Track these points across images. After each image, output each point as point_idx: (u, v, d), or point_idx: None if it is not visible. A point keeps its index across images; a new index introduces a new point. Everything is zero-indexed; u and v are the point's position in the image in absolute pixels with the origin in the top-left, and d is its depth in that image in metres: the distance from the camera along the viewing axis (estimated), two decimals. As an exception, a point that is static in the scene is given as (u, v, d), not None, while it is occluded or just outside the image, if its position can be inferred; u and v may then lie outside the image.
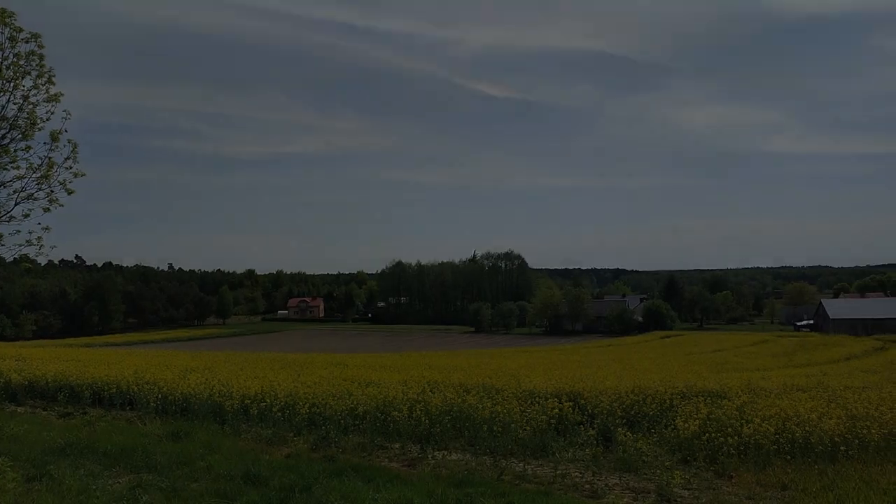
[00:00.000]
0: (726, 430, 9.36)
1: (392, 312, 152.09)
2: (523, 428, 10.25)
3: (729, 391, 13.85)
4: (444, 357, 36.88)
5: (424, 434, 10.51)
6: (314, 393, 12.63)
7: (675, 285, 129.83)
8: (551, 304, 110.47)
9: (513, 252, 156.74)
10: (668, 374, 20.31)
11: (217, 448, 9.57)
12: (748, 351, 50.46)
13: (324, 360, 28.83)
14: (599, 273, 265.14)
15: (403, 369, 22.58)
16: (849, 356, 45.44)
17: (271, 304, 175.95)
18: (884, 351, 50.01)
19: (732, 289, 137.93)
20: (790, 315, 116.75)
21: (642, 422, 11.45)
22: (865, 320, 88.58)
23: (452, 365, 26.29)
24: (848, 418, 9.87)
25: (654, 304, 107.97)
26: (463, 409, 11.14)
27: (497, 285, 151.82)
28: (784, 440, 9.10)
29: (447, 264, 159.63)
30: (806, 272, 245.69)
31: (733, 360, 38.71)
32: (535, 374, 19.35)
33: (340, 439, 10.40)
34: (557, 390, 13.33)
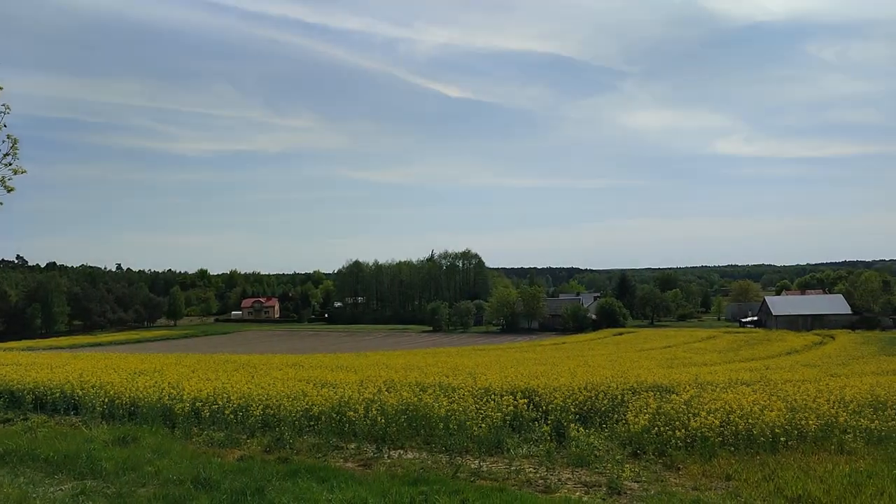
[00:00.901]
0: (674, 424, 9.64)
1: (349, 312, 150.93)
2: (479, 425, 10.33)
3: (677, 386, 14.28)
4: (402, 356, 36.85)
5: (380, 433, 10.50)
6: (268, 394, 12.46)
7: (627, 284, 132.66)
8: (508, 303, 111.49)
9: (470, 251, 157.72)
10: (620, 370, 20.77)
11: (166, 452, 9.36)
12: (696, 347, 51.99)
13: (279, 362, 28.46)
14: (554, 272, 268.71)
15: (360, 369, 22.47)
16: (790, 351, 47.35)
17: (225, 305, 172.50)
18: (822, 345, 52.26)
19: (682, 287, 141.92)
20: (736, 312, 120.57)
21: (595, 417, 11.70)
22: (806, 316, 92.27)
23: (409, 364, 26.29)
24: (788, 410, 10.28)
25: (608, 302, 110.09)
26: (419, 408, 11.16)
27: (454, 285, 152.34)
28: (728, 432, 9.43)
29: (405, 264, 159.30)
30: (750, 271, 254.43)
31: (682, 355, 39.84)
32: (492, 372, 19.52)
33: (295, 440, 10.30)
34: (513, 388, 13.47)
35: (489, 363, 27.87)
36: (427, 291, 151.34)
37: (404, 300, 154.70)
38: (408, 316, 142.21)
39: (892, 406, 11.86)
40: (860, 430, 10.02)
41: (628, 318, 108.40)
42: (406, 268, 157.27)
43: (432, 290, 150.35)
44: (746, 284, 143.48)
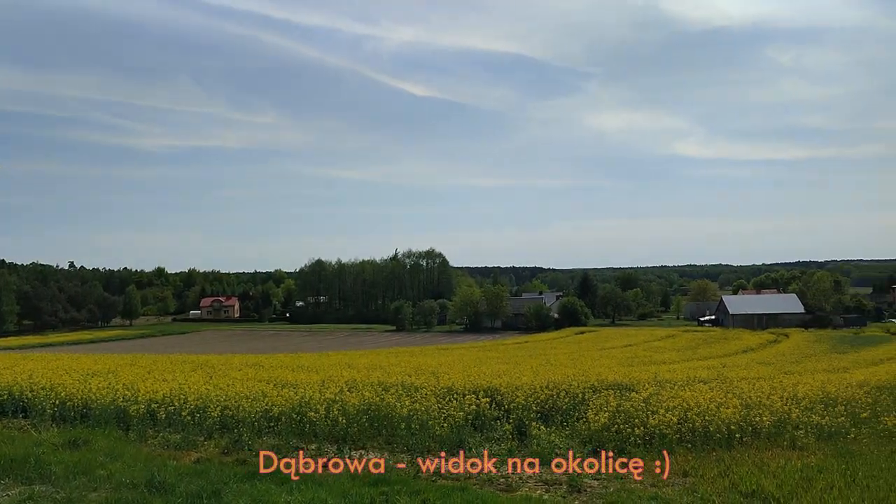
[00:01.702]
0: (634, 422, 9.78)
1: (311, 312, 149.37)
2: (441, 425, 10.32)
3: (637, 384, 14.49)
4: (364, 356, 36.63)
5: (341, 434, 10.40)
6: (227, 395, 12.22)
7: (588, 283, 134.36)
8: (471, 302, 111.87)
9: (434, 251, 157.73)
10: (581, 369, 21.00)
11: (119, 455, 9.09)
12: (656, 345, 52.98)
13: (239, 362, 27.97)
14: (518, 271, 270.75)
15: (322, 369, 22.25)
16: (746, 349, 48.63)
17: (183, 304, 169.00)
18: (777, 344, 53.80)
19: (642, 286, 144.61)
20: (694, 311, 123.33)
21: (556, 415, 11.79)
22: (761, 315, 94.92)
23: (372, 364, 26.14)
24: (743, 407, 10.52)
25: (570, 301, 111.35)
26: (381, 408, 11.11)
27: (418, 284, 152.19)
28: (686, 429, 9.60)
29: (368, 263, 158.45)
30: (708, 270, 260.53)
31: (642, 354, 40.53)
32: (455, 371, 19.53)
33: (254, 442, 10.11)
34: (475, 387, 13.49)
35: (452, 362, 27.90)
36: (390, 291, 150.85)
37: (367, 299, 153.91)
38: (371, 315, 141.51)
39: (842, 403, 12.26)
40: (811, 426, 10.31)
41: (590, 318, 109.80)
42: (369, 267, 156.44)
43: (396, 290, 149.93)
44: (704, 284, 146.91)
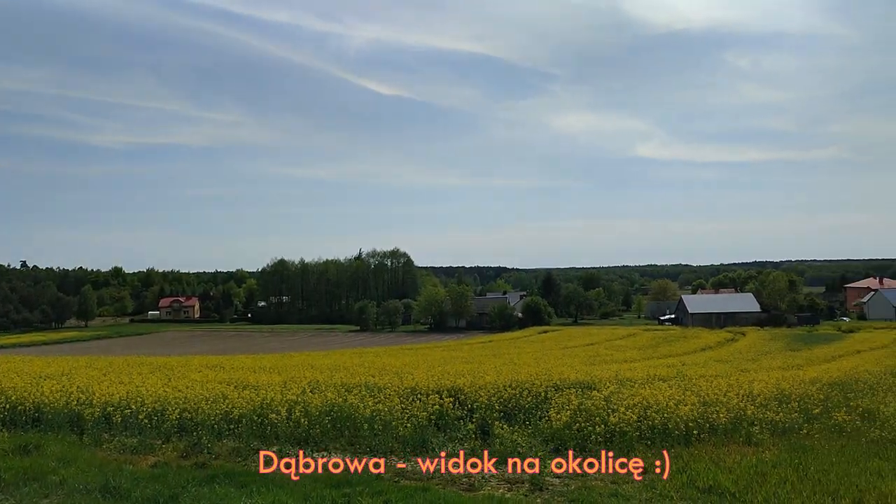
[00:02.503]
0: (595, 420, 9.90)
1: (273, 312, 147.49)
2: (404, 425, 10.30)
3: (598, 382, 14.67)
4: (328, 357, 36.32)
5: (303, 435, 10.29)
6: (186, 397, 11.99)
7: (552, 282, 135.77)
8: (436, 302, 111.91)
9: (399, 250, 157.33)
10: (544, 368, 21.16)
11: (73, 460, 8.83)
12: (618, 344, 53.75)
13: (198, 363, 27.45)
14: (482, 271, 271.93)
15: (284, 370, 21.99)
16: (705, 347, 49.67)
17: (141, 305, 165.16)
18: (734, 342, 55.09)
19: (604, 286, 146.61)
20: (655, 310, 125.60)
21: (519, 414, 11.86)
22: (719, 314, 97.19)
23: (335, 364, 25.94)
24: (701, 404, 10.75)
25: (533, 300, 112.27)
26: (344, 409, 11.03)
27: (383, 283, 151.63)
28: (645, 426, 9.77)
29: (332, 262, 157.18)
30: (669, 270, 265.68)
31: (604, 352, 41.08)
32: (419, 371, 19.50)
33: (214, 445, 9.94)
34: (439, 386, 13.49)
35: (416, 362, 27.86)
36: (355, 290, 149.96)
37: (331, 299, 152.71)
38: (335, 315, 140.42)
39: (796, 399, 12.63)
40: (766, 422, 10.59)
41: (553, 317, 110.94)
42: (333, 266, 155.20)
43: (360, 290, 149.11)
44: (665, 284, 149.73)
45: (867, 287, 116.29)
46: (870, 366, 23.27)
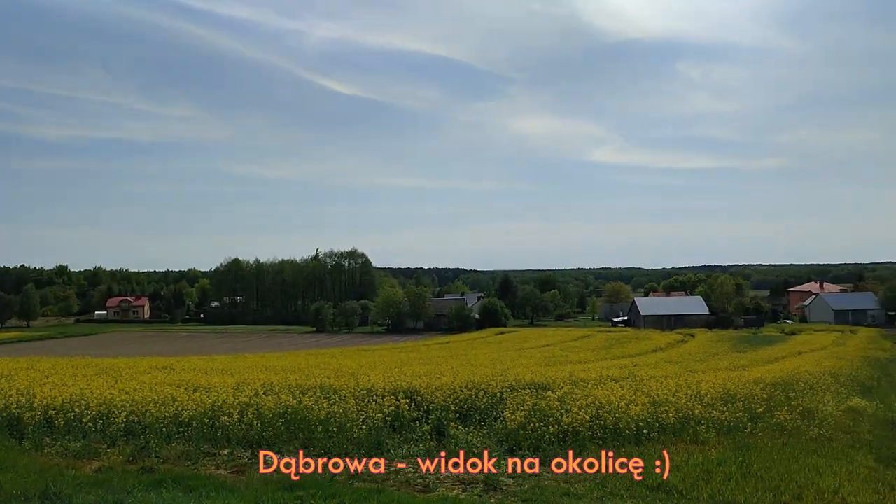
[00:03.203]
0: (548, 420, 10.04)
1: (227, 313, 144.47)
2: (359, 427, 10.24)
3: (553, 383, 14.88)
4: (283, 358, 35.82)
5: (256, 438, 10.13)
6: (133, 400, 11.66)
7: (509, 284, 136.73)
8: (394, 303, 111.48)
9: (356, 251, 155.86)
10: (500, 369, 21.35)
11: (11, 466, 8.48)
12: (572, 345, 54.52)
13: (147, 365, 26.70)
14: (441, 272, 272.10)
15: (237, 372, 21.60)
16: (656, 348, 50.82)
17: (87, 305, 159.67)
18: (684, 343, 56.54)
19: (560, 288, 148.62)
20: (609, 312, 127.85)
21: (474, 415, 11.93)
22: (670, 316, 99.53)
23: (290, 366, 25.62)
24: (651, 404, 11.02)
25: (491, 302, 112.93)
26: (298, 411, 10.91)
27: (340, 284, 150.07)
28: (598, 426, 9.95)
29: (287, 262, 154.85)
30: (622, 273, 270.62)
31: (559, 354, 41.61)
32: (375, 372, 19.42)
33: (162, 448, 9.67)
34: (395, 388, 13.47)
35: (373, 364, 27.74)
36: (311, 291, 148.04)
37: (287, 300, 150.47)
38: (290, 316, 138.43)
39: (741, 399, 13.05)
40: (713, 421, 10.92)
41: (510, 318, 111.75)
42: (289, 267, 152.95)
43: (316, 290, 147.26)
44: (618, 286, 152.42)
45: (809, 291, 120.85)
46: (810, 367, 24.20)
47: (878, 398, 18.39)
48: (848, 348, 42.84)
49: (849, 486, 7.67)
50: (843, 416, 14.15)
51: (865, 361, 32.37)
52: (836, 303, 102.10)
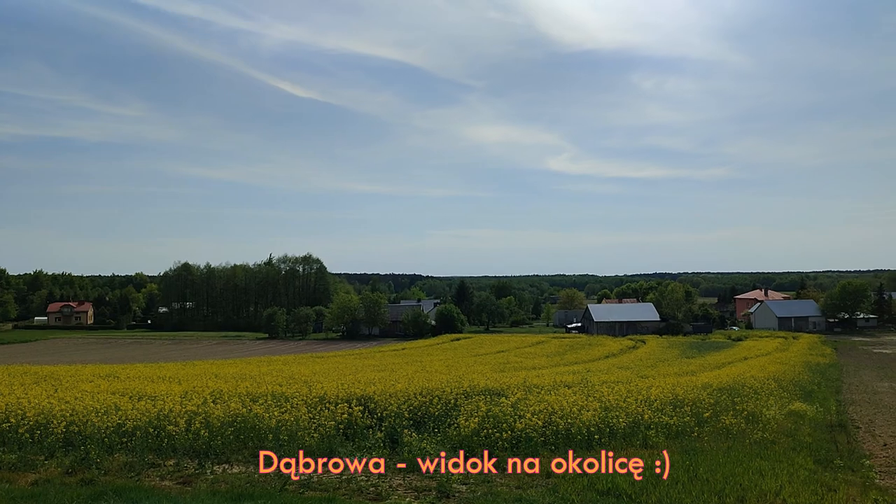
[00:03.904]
0: (502, 426, 10.06)
1: (176, 319, 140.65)
2: (311, 435, 10.09)
3: (507, 389, 14.94)
4: (233, 365, 35.02)
5: (203, 448, 9.86)
6: (74, 409, 11.20)
7: (465, 291, 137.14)
8: (349, 309, 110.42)
9: (311, 256, 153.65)
10: (455, 375, 21.32)
11: (-61, 481, 8.04)
12: (527, 351, 54.95)
13: (90, 373, 25.76)
14: (397, 278, 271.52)
15: (185, 380, 20.98)
16: (608, 354, 51.62)
17: (27, 310, 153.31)
18: (635, 349, 57.63)
19: (516, 294, 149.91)
20: (563, 318, 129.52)
21: (428, 422, 11.88)
22: (622, 322, 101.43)
23: (241, 373, 25.07)
24: (602, 409, 11.17)
25: (447, 308, 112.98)
26: (248, 420, 10.68)
27: (294, 290, 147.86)
28: (550, 432, 10.04)
29: (240, 267, 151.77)
30: (576, 280, 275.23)
31: (514, 360, 41.89)
32: (329, 379, 19.15)
33: (104, 460, 9.32)
34: (349, 395, 13.32)
35: (327, 371, 27.37)
36: (264, 297, 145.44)
37: (239, 306, 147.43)
38: (242, 322, 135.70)
39: (689, 404, 13.35)
40: (662, 425, 11.14)
41: (466, 325, 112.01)
42: (241, 272, 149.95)
43: (270, 296, 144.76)
44: (572, 293, 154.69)
45: (754, 298, 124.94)
46: (755, 372, 24.98)
47: (818, 402, 19.12)
48: (790, 354, 44.37)
49: (790, 487, 7.92)
50: (786, 419, 14.65)
51: (807, 367, 33.62)
52: (779, 310, 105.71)
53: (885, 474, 10.35)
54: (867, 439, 14.03)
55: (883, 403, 21.12)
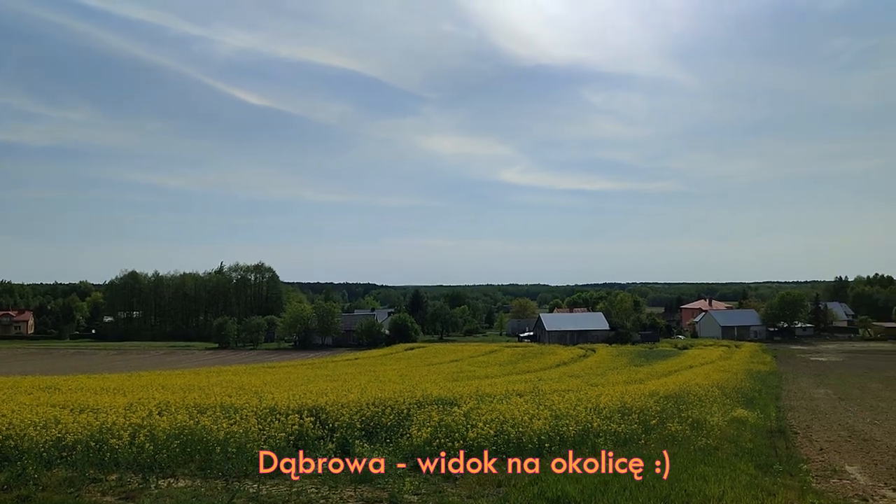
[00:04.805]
0: (454, 436, 10.11)
1: (122, 328, 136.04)
2: (261, 447, 9.92)
3: (460, 398, 15.01)
4: (182, 376, 34.11)
5: (148, 462, 9.58)
6: (10, 423, 10.74)
7: (419, 300, 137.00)
8: (302, 319, 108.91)
9: (263, 265, 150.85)
10: (408, 385, 21.29)
11: None
12: (480, 360, 55.19)
13: (29, 384, 24.70)
14: (351, 287, 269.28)
15: (131, 391, 20.35)
16: (559, 363, 52.30)
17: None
18: (586, 358, 58.54)
19: (469, 304, 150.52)
20: (515, 327, 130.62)
21: (381, 432, 11.85)
22: (573, 331, 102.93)
23: (189, 384, 24.44)
24: (553, 418, 11.34)
25: (401, 317, 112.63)
26: (196, 432, 10.44)
27: (245, 299, 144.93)
28: (501, 441, 10.13)
29: (189, 276, 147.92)
30: (529, 290, 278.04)
31: (468, 369, 42.03)
32: (280, 390, 18.88)
33: (42, 475, 8.97)
34: (300, 406, 13.17)
35: (279, 381, 26.94)
36: (214, 306, 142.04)
37: (188, 315, 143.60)
38: (192, 332, 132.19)
39: (637, 411, 13.67)
40: (610, 433, 11.37)
41: (420, 334, 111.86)
42: (191, 280, 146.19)
43: (220, 305, 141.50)
44: (525, 302, 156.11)
45: (699, 308, 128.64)
46: (700, 380, 25.72)
47: (759, 409, 19.82)
48: (733, 362, 45.81)
49: (732, 492, 8.19)
50: (728, 426, 15.13)
51: (748, 375, 34.77)
52: (723, 319, 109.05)
53: (821, 478, 10.81)
54: (805, 444, 14.62)
55: (819, 410, 22.02)
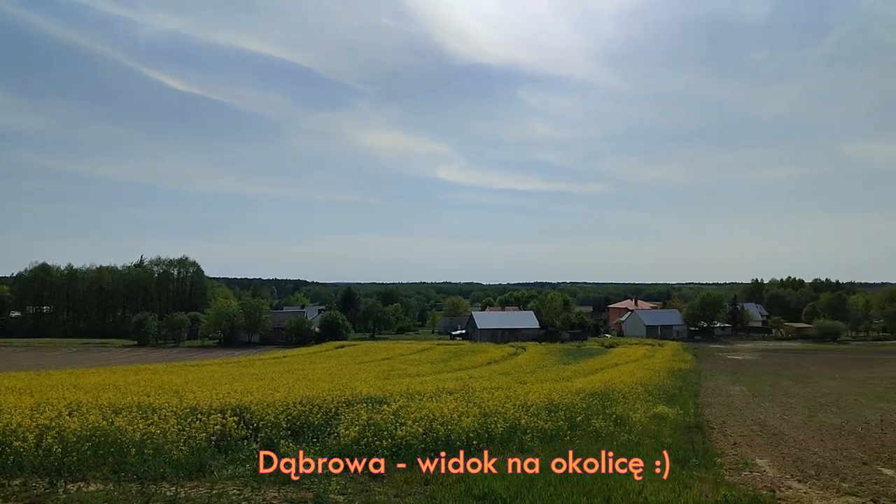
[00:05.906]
0: (382, 434, 10.02)
1: (31, 323, 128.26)
2: (180, 448, 9.54)
3: (390, 397, 14.92)
4: (96, 375, 32.48)
5: (55, 465, 9.03)
6: None
7: (351, 297, 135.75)
8: (227, 316, 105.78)
9: (187, 259, 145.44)
10: (338, 384, 21.00)
11: None
12: (412, 358, 55.17)
13: (-77, 384, 22.90)
14: (280, 284, 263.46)
15: (39, 391, 19.16)
16: (490, 361, 52.97)
17: None
18: (516, 356, 59.49)
19: (402, 301, 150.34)
20: (448, 325, 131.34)
21: (307, 432, 11.61)
22: (505, 330, 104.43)
23: (104, 383, 23.29)
24: (482, 415, 11.41)
25: (332, 315, 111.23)
26: (109, 433, 9.92)
27: (168, 294, 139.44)
28: (430, 439, 10.11)
29: (106, 269, 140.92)
30: (462, 288, 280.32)
31: (399, 367, 41.92)
32: (202, 389, 18.23)
33: (-67, 483, 8.30)
34: (223, 405, 12.74)
35: (201, 380, 26.04)
36: (134, 301, 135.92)
37: (104, 311, 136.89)
38: (109, 328, 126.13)
39: (563, 408, 13.95)
40: (537, 430, 11.54)
41: (351, 332, 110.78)
42: (108, 274, 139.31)
43: (140, 301, 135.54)
44: (458, 301, 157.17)
45: (626, 308, 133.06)
46: (624, 378, 26.56)
47: (679, 405, 20.64)
48: (656, 360, 47.59)
49: (651, 486, 8.46)
50: (650, 421, 15.67)
51: (670, 372, 36.20)
52: (647, 319, 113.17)
53: (733, 471, 11.32)
54: (720, 439, 15.31)
55: (734, 406, 23.15)
